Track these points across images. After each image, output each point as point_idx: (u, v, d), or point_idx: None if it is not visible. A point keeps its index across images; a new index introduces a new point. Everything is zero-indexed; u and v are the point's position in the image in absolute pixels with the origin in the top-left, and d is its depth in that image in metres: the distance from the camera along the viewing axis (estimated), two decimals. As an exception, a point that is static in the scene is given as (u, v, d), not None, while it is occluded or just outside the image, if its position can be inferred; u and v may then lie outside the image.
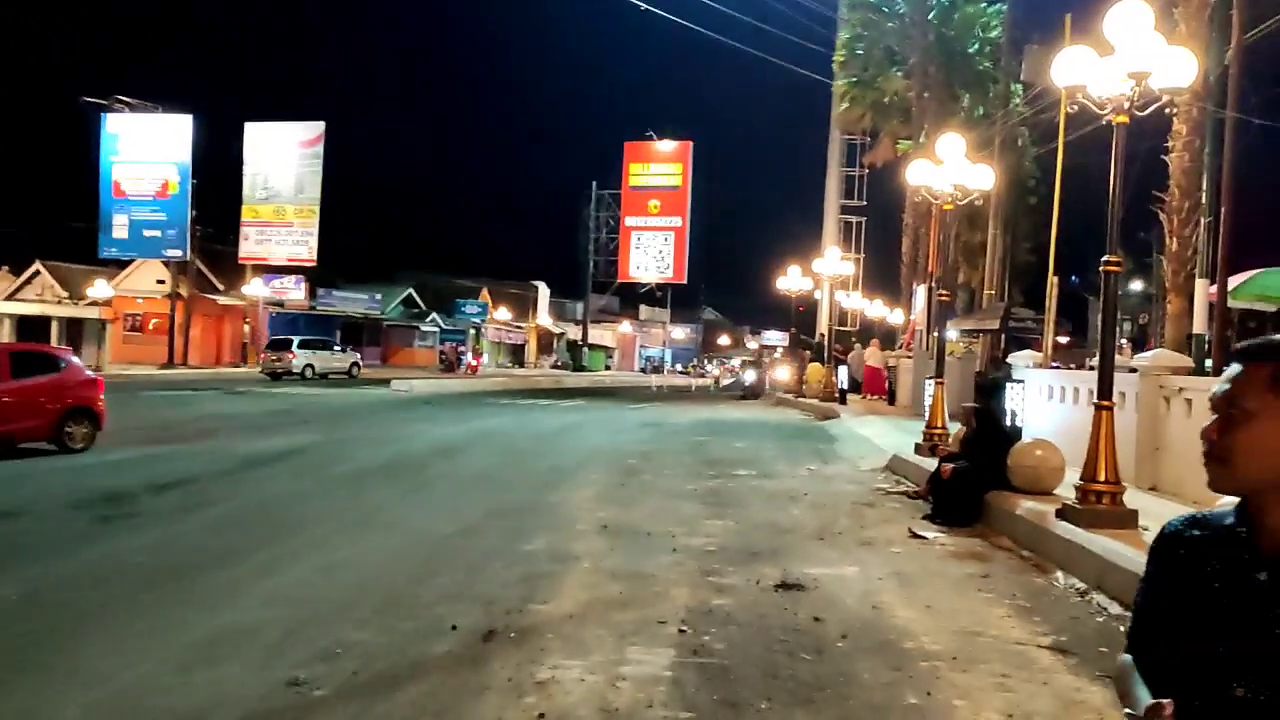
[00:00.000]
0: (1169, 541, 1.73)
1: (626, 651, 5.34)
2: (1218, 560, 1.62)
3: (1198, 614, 1.62)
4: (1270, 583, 1.56)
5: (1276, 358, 1.58)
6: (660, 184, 64.76)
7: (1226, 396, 1.60)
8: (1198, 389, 10.08)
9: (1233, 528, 1.64)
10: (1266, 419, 1.55)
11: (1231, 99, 12.96)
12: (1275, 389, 1.56)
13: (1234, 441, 1.57)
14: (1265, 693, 1.52)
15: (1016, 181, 27.37)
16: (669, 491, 11.38)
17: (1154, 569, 1.75)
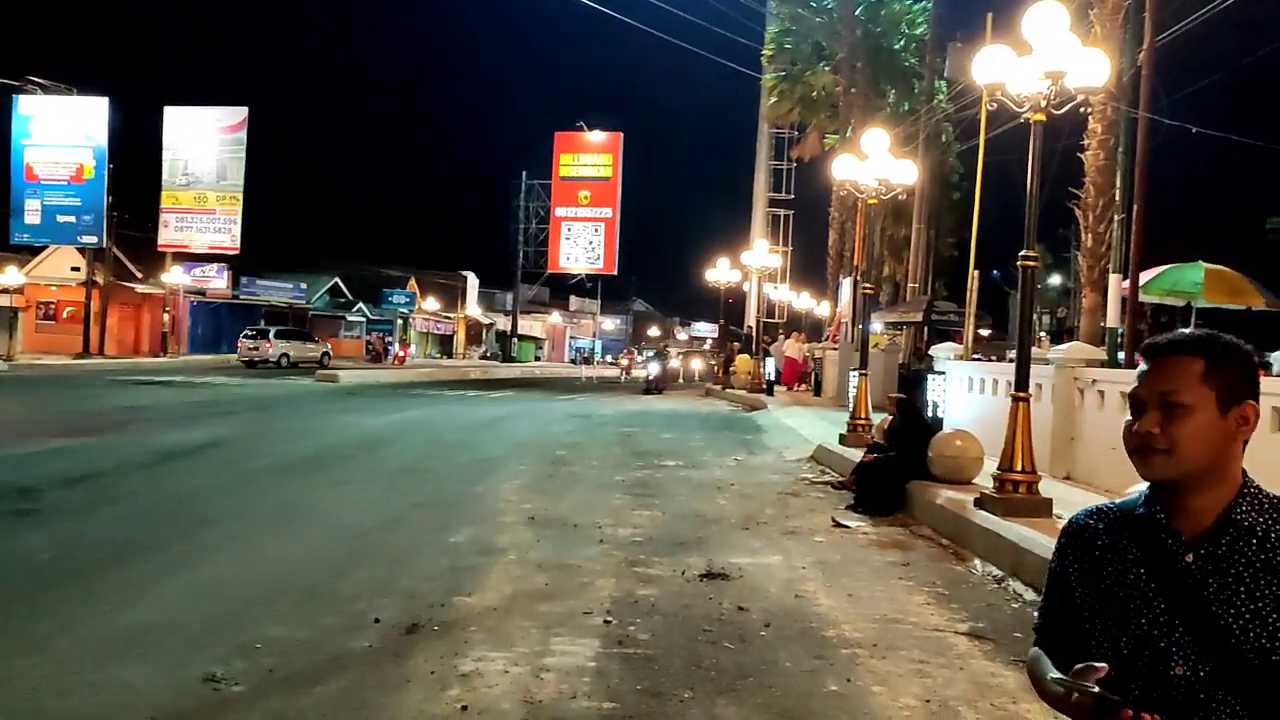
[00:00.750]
0: (1080, 533, 1.78)
1: (551, 643, 5.34)
2: (1139, 547, 1.68)
3: (1125, 600, 1.66)
4: (1198, 563, 1.62)
5: (1205, 352, 1.64)
6: (591, 175, 64.59)
7: (1163, 392, 1.64)
8: (1110, 381, 10.38)
9: (1148, 515, 1.69)
10: (1203, 410, 1.62)
11: (1144, 99, 13.33)
12: (1208, 381, 1.62)
13: (1177, 433, 1.62)
14: (1205, 669, 1.58)
15: (941, 177, 27.83)
16: (597, 483, 11.39)
17: (1066, 562, 1.78)
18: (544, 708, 4.42)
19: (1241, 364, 1.68)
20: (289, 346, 41.50)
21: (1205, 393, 1.62)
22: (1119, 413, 9.94)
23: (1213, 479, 1.65)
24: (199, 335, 50.34)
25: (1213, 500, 1.65)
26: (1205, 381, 1.62)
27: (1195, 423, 1.61)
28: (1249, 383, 1.67)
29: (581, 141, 64.80)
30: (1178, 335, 1.71)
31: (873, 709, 4.61)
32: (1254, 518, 1.63)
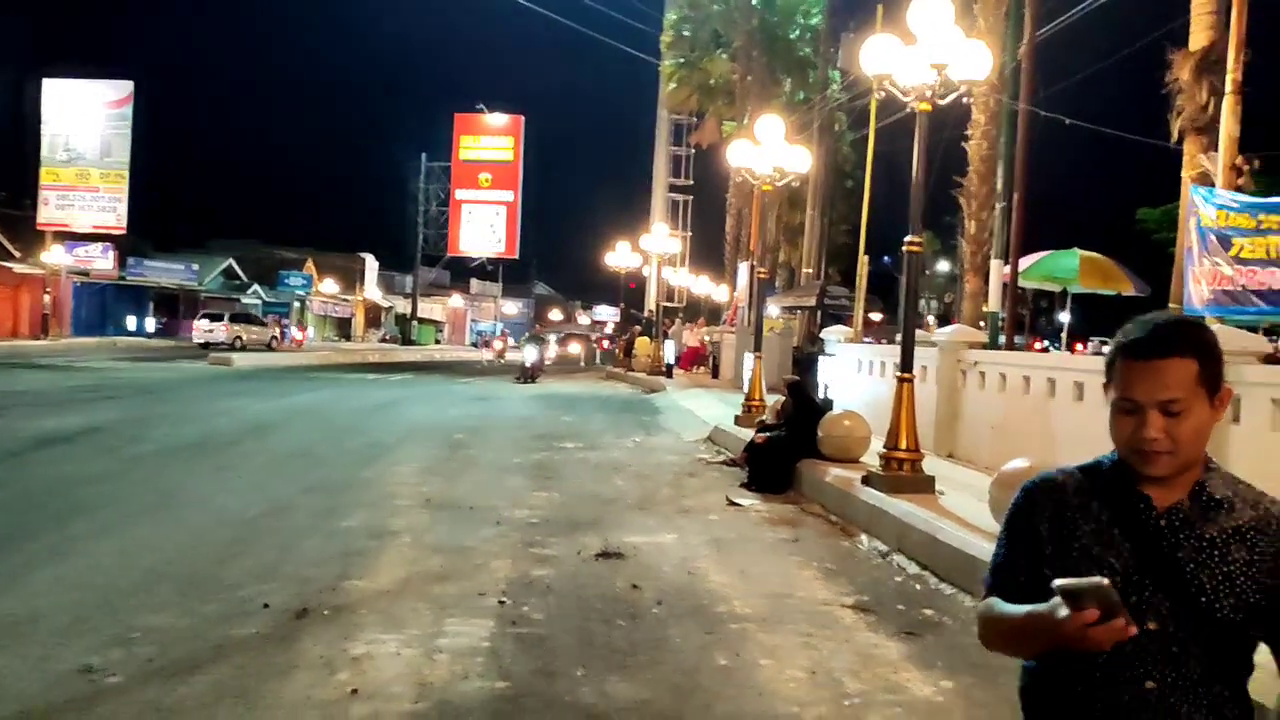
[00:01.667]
0: (1051, 491, 1.83)
1: (444, 624, 5.33)
2: (1110, 509, 1.75)
3: (1100, 558, 1.73)
4: (1169, 527, 1.71)
5: (1197, 353, 1.69)
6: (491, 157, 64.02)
7: (1163, 401, 1.68)
8: (991, 363, 10.75)
9: (1120, 479, 1.76)
10: (1199, 408, 1.69)
11: (1024, 92, 13.82)
12: (1201, 381, 1.68)
13: (1180, 435, 1.68)
14: (1174, 625, 1.68)
15: (834, 165, 28.35)
16: (494, 465, 11.35)
17: (1037, 520, 1.82)
18: (435, 689, 4.43)
19: (1220, 354, 1.74)
20: (241, 329, 42.93)
21: (1200, 392, 1.69)
22: (998, 393, 10.36)
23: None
24: (83, 317, 48.28)
25: (1189, 475, 1.74)
26: (1199, 382, 1.69)
27: (1194, 422, 1.69)
28: (1222, 368, 1.74)
29: (482, 124, 64.15)
30: (1162, 332, 1.71)
31: (759, 682, 4.72)
32: (1221, 491, 1.73)
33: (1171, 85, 10.63)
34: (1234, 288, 7.94)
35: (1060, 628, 1.58)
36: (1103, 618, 1.55)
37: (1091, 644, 1.57)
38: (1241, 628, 1.68)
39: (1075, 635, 1.57)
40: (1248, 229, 7.88)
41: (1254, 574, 1.68)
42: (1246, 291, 7.85)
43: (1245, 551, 1.69)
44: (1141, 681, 1.68)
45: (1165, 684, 1.68)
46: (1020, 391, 9.86)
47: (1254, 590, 1.67)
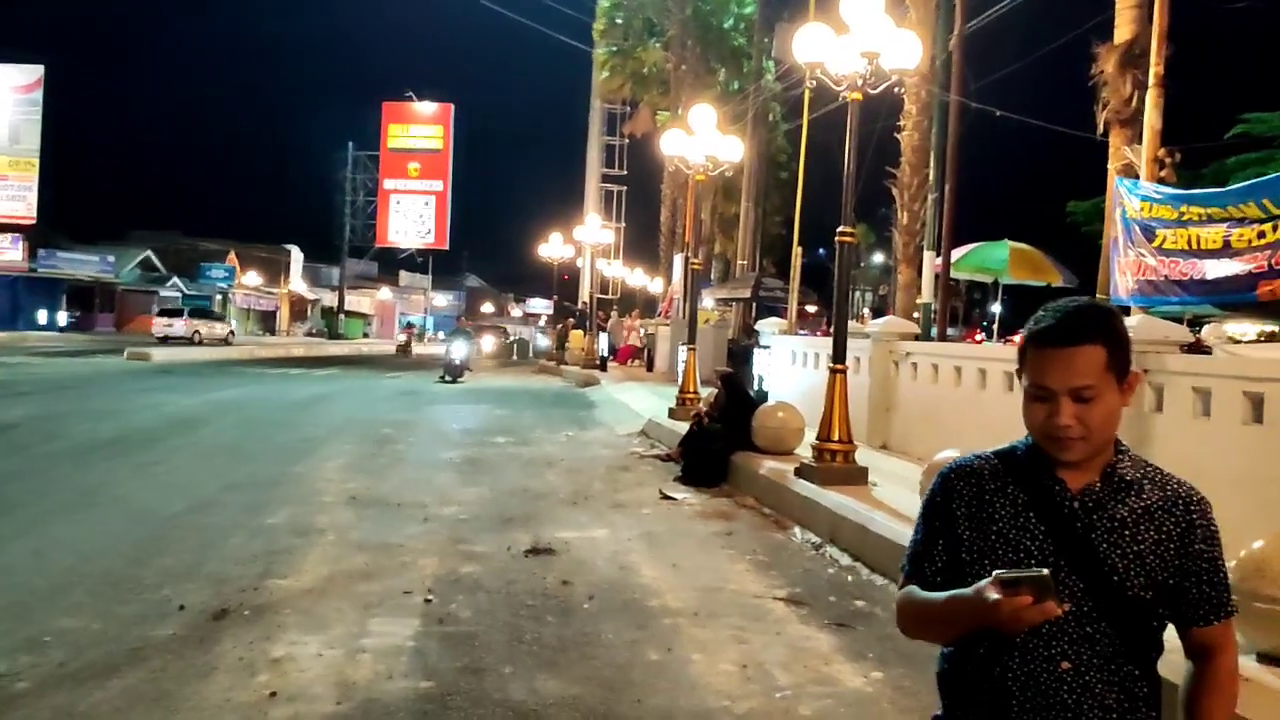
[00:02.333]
0: (968, 476, 1.84)
1: (369, 624, 5.20)
2: (1026, 492, 1.77)
3: (1017, 541, 1.75)
4: (1085, 509, 1.74)
5: (1106, 339, 1.71)
6: (421, 146, 63.31)
7: (1075, 388, 1.70)
8: (924, 354, 10.84)
9: (1034, 463, 1.78)
10: (1109, 393, 1.71)
11: (955, 83, 13.97)
12: (1110, 367, 1.71)
13: (1093, 421, 1.70)
14: (1089, 604, 1.71)
15: (768, 156, 28.47)
16: (423, 461, 11.17)
17: (953, 504, 1.83)
18: (358, 689, 4.30)
19: (1128, 339, 1.77)
20: (200, 324, 44.01)
21: (1109, 378, 1.72)
22: (931, 384, 10.44)
23: None
24: (-12, 311, 46.77)
25: (1100, 459, 1.77)
26: (1108, 368, 1.71)
27: (1105, 407, 1.71)
28: (1130, 354, 1.76)
29: (411, 112, 63.39)
30: (1071, 319, 1.72)
31: (691, 676, 4.67)
32: (1131, 473, 1.77)
33: (1097, 78, 10.82)
34: (1157, 278, 8.08)
35: (992, 611, 1.58)
36: (1034, 601, 1.56)
37: (1021, 626, 1.60)
38: (1151, 606, 1.72)
39: (1008, 619, 1.57)
40: (1170, 220, 8.02)
41: (1162, 553, 1.72)
42: (1169, 282, 7.99)
43: (1154, 531, 1.73)
44: (1057, 662, 1.71)
45: (1080, 663, 1.71)
46: (952, 382, 9.95)
47: (1162, 569, 1.72)
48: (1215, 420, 6.31)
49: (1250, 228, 7.21)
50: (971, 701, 1.79)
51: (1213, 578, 1.75)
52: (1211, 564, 1.75)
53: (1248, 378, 6.19)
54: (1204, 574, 1.75)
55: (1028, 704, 1.71)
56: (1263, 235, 7.10)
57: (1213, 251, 7.55)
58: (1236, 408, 6.13)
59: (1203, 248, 7.65)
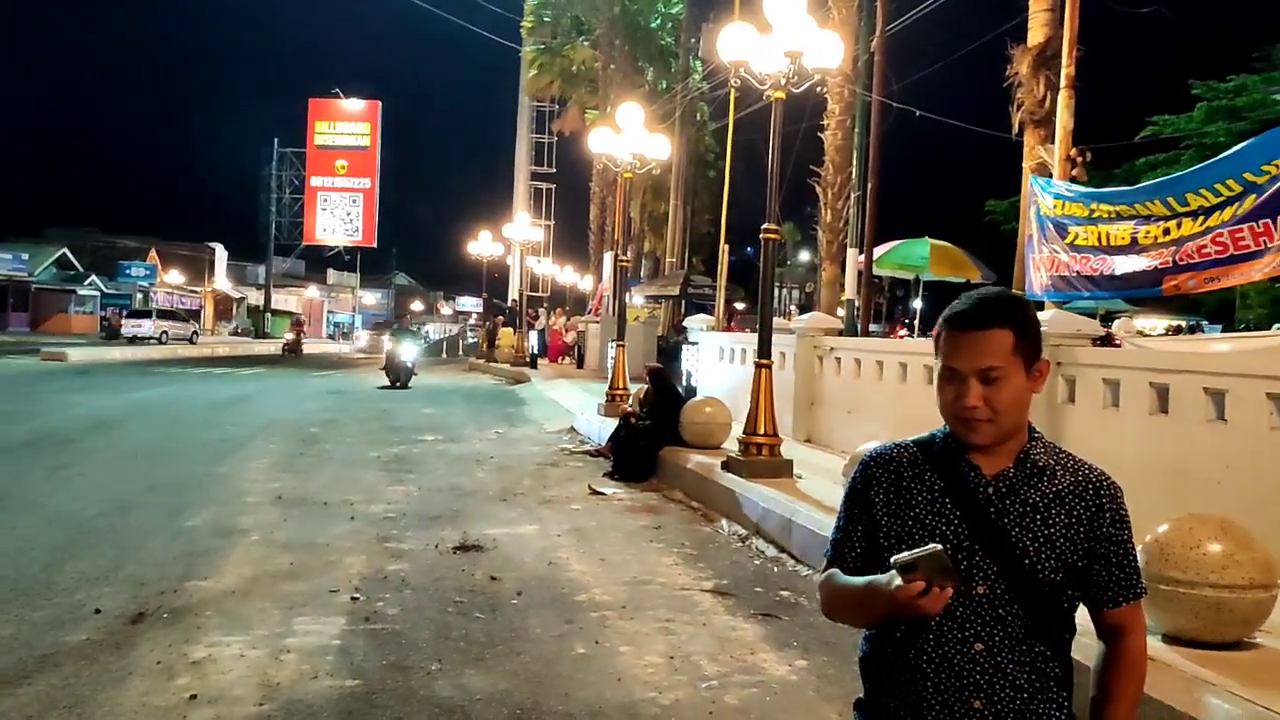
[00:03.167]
0: (887, 464, 1.89)
1: (293, 624, 5.15)
2: (943, 478, 1.82)
3: (933, 526, 1.79)
4: (998, 494, 1.78)
5: (1014, 323, 1.76)
6: (348, 144, 62.52)
7: (981, 369, 1.75)
8: (847, 349, 11.02)
9: (952, 450, 1.83)
10: (1016, 377, 1.76)
11: (876, 83, 14.21)
12: (1018, 350, 1.75)
13: (999, 403, 1.75)
14: (1001, 587, 1.75)
15: (696, 155, 28.64)
16: (350, 459, 11.05)
17: (873, 491, 1.88)
18: (282, 690, 4.26)
19: (1037, 325, 1.83)
20: (167, 325, 45.58)
21: (1017, 361, 1.76)
22: (854, 378, 10.61)
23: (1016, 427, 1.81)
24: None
25: (1013, 444, 1.81)
26: (1016, 351, 1.76)
27: (1012, 390, 1.76)
28: (1040, 341, 1.82)
29: (338, 109, 62.56)
30: (983, 304, 1.78)
31: (619, 668, 4.71)
32: (1044, 459, 1.82)
33: (1012, 79, 11.10)
34: (1070, 274, 8.32)
35: (893, 598, 1.64)
36: (930, 585, 1.61)
37: (921, 612, 1.64)
38: (1061, 587, 1.77)
39: (906, 604, 1.63)
40: (1082, 217, 8.26)
41: (1072, 536, 1.77)
42: (1081, 277, 8.23)
43: (1065, 515, 1.78)
44: (971, 644, 1.75)
45: (992, 645, 1.75)
46: (874, 377, 10.13)
47: (1072, 551, 1.77)
48: (1124, 411, 6.52)
49: (1156, 225, 7.47)
50: (889, 684, 1.83)
51: (1122, 560, 1.80)
52: (1121, 547, 1.80)
53: (1154, 369, 6.41)
54: (1113, 557, 1.79)
55: (942, 685, 1.75)
56: (1168, 232, 7.36)
57: (1122, 248, 7.80)
58: (1144, 399, 6.34)
59: (1112, 244, 7.90)
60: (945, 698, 1.76)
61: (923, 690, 1.77)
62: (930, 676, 1.77)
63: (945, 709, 1.76)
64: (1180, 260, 7.24)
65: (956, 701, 1.75)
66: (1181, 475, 5.92)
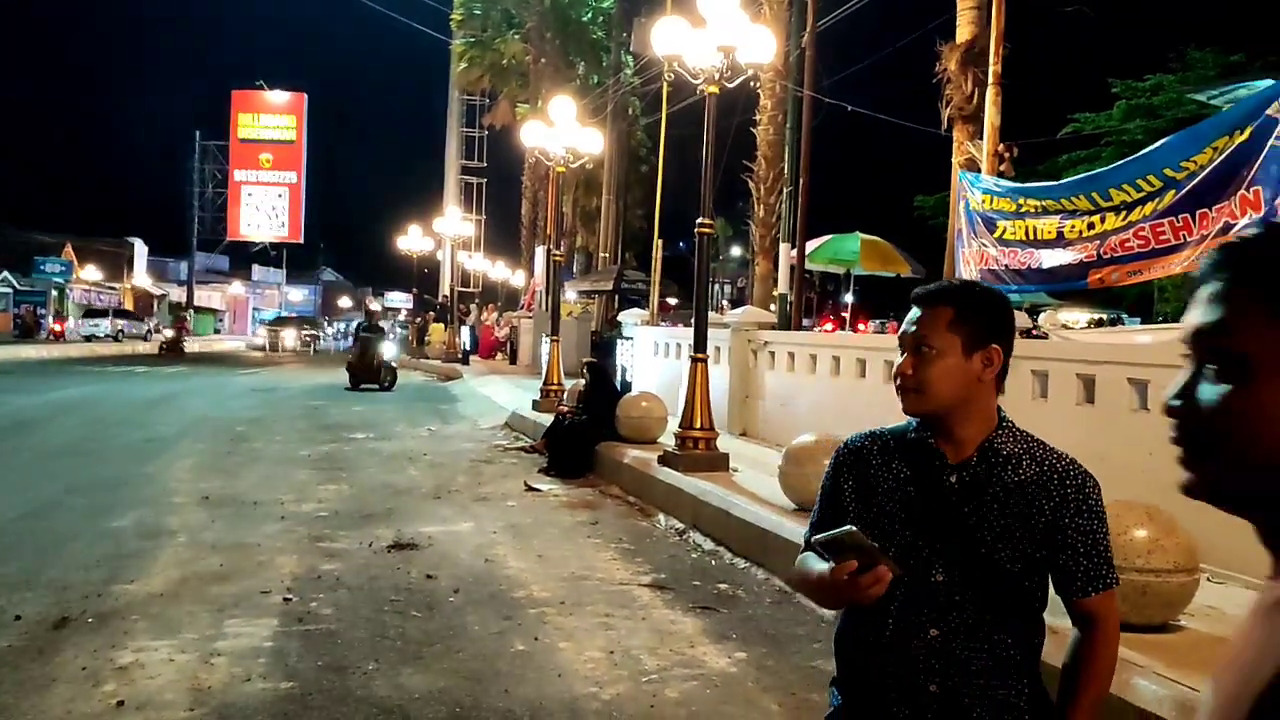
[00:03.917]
0: (857, 453, 1.94)
1: (224, 626, 5.03)
2: (909, 467, 1.86)
3: (895, 514, 1.84)
4: (960, 484, 1.81)
5: (955, 301, 1.82)
6: (273, 137, 61.41)
7: (915, 336, 1.82)
8: (781, 343, 11.10)
9: (920, 439, 1.87)
10: (950, 354, 1.80)
11: (807, 79, 14.34)
12: (954, 328, 1.80)
13: (927, 374, 1.80)
14: (959, 575, 1.79)
15: (629, 149, 28.60)
16: (280, 458, 10.85)
17: (841, 478, 1.94)
18: (213, 694, 4.16)
19: (988, 312, 1.85)
20: (124, 323, 47.39)
21: (951, 338, 1.80)
22: (788, 372, 10.70)
23: (969, 414, 1.84)
24: None
25: (974, 432, 1.84)
26: (952, 328, 1.80)
27: (942, 365, 1.80)
28: (995, 329, 1.84)
29: (262, 101, 61.41)
30: (937, 285, 1.89)
31: (559, 664, 4.69)
32: (1010, 447, 1.85)
33: (941, 75, 11.28)
34: (998, 267, 8.48)
35: (834, 581, 1.68)
36: (863, 566, 1.64)
37: (861, 594, 1.66)
38: (1019, 577, 1.79)
39: (844, 585, 1.67)
40: (1009, 212, 8.43)
41: (1032, 526, 1.79)
42: (1010, 271, 8.40)
43: (1025, 505, 1.80)
44: (926, 629, 1.79)
45: (947, 631, 1.78)
46: (808, 370, 10.22)
47: (1030, 542, 1.79)
48: (1052, 401, 6.66)
49: (1081, 219, 7.65)
50: (854, 664, 1.89)
51: (1090, 551, 1.81)
52: (1089, 538, 1.81)
53: (1081, 361, 6.56)
54: (1080, 547, 1.81)
55: (899, 668, 1.80)
56: (1092, 226, 7.55)
57: (1048, 242, 7.98)
58: (1071, 389, 6.49)
59: (1039, 238, 8.07)
60: (902, 680, 1.80)
61: (882, 672, 1.82)
62: (889, 659, 1.81)
63: (902, 691, 1.80)
64: (1104, 254, 7.42)
65: (912, 685, 1.79)
66: (1107, 463, 6.04)
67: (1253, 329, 0.79)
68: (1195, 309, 0.85)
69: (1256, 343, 0.79)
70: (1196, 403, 0.83)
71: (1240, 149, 6.37)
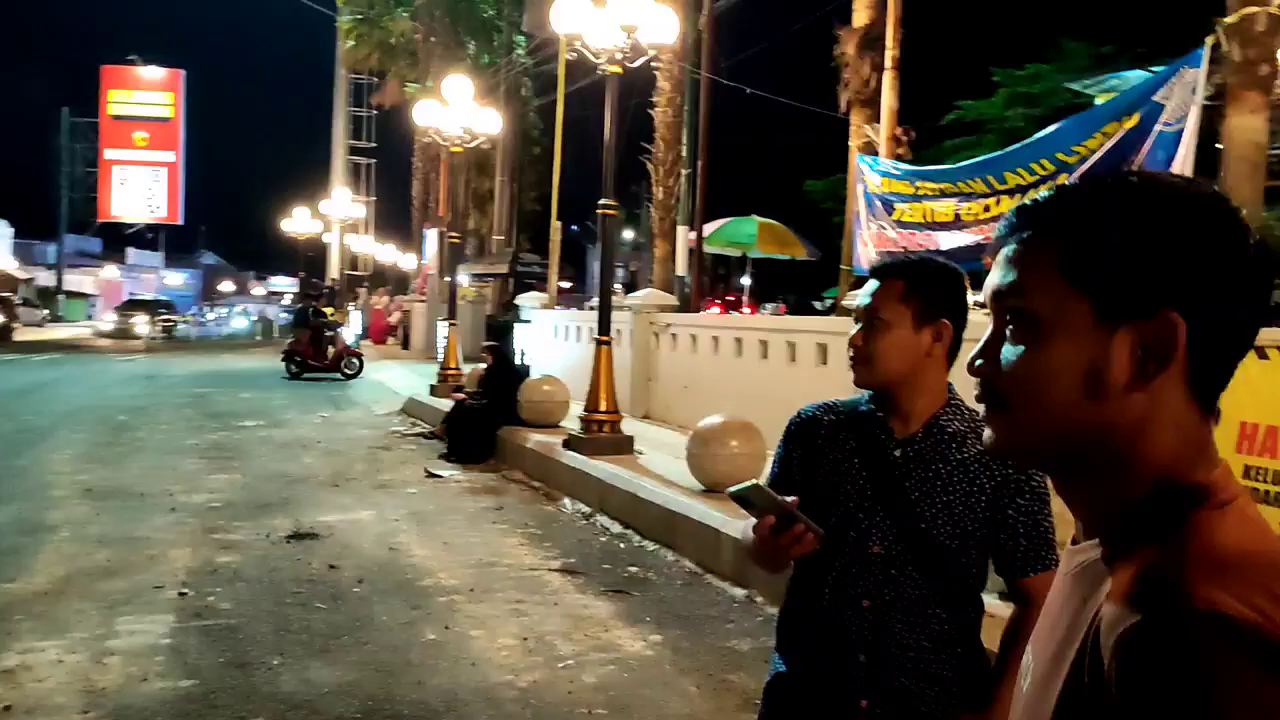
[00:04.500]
0: (808, 424, 1.94)
1: (116, 624, 4.81)
2: (856, 440, 1.87)
3: (839, 484, 1.85)
4: (904, 458, 1.82)
5: (904, 276, 1.82)
6: (148, 114, 58.88)
7: (868, 309, 1.82)
8: (682, 325, 11.12)
9: (869, 413, 1.87)
10: (900, 327, 1.79)
11: (705, 61, 14.38)
12: (905, 301, 1.80)
13: (875, 345, 1.80)
14: (897, 549, 1.79)
15: (521, 132, 28.25)
16: (166, 448, 10.42)
17: (791, 448, 1.95)
18: (108, 695, 3.96)
19: (940, 287, 1.84)
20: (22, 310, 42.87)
21: (902, 311, 1.80)
22: (689, 354, 10.72)
23: (917, 388, 1.83)
24: None
25: (922, 407, 1.84)
26: (903, 301, 1.80)
27: (891, 337, 1.80)
28: (946, 304, 1.83)
29: (135, 77, 58.86)
30: (895, 259, 1.91)
31: (472, 652, 4.60)
32: (956, 424, 1.84)
33: (839, 59, 11.41)
34: (897, 249, 8.62)
35: (756, 537, 1.70)
36: (781, 524, 1.66)
37: (782, 552, 1.68)
38: (956, 553, 1.80)
39: (767, 543, 1.68)
40: (907, 195, 8.58)
41: (973, 504, 1.79)
42: (907, 253, 8.55)
43: (967, 483, 1.80)
44: (859, 600, 1.80)
45: (881, 603, 1.79)
46: (710, 352, 10.25)
47: (970, 520, 1.79)
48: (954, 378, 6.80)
49: (977, 202, 7.83)
50: (792, 630, 1.92)
51: (1030, 532, 1.81)
52: (1029, 518, 1.81)
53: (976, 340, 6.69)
54: (1019, 527, 1.81)
55: (832, 638, 1.82)
56: (988, 209, 7.73)
57: (945, 224, 8.15)
58: (969, 368, 6.63)
59: (936, 221, 8.24)
60: (833, 650, 1.82)
61: (819, 639, 1.84)
62: (825, 629, 1.83)
63: (833, 660, 1.82)
64: (1000, 236, 7.60)
65: (844, 654, 1.81)
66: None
67: (1045, 289, 0.80)
68: (996, 269, 0.85)
69: (1049, 304, 0.80)
70: (996, 363, 0.83)
71: (1129, 134, 6.59)
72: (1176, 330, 0.76)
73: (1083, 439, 0.80)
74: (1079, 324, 0.79)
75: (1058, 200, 0.83)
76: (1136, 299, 0.77)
